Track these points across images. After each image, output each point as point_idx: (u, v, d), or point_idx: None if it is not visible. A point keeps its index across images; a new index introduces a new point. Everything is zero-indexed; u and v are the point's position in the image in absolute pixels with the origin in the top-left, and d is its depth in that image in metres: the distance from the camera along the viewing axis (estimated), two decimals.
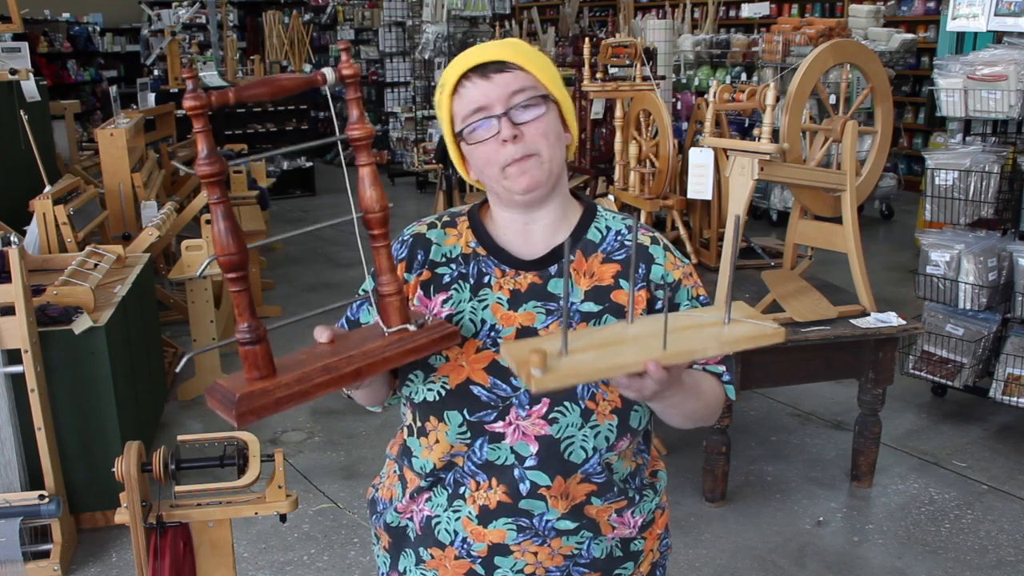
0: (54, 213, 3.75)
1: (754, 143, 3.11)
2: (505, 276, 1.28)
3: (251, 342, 1.05)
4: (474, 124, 1.23)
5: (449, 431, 1.26)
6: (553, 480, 1.25)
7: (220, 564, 2.21)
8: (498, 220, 1.32)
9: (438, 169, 7.04)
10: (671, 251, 1.33)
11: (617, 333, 1.08)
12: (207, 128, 1.00)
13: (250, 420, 1.02)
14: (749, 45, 7.79)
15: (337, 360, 1.08)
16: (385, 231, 1.14)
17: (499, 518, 1.27)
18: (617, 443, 1.27)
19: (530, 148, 1.22)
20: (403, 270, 1.30)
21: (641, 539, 1.37)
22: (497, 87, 1.22)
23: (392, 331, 1.14)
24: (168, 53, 8.67)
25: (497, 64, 1.23)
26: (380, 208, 1.13)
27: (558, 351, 1.01)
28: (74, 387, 3.01)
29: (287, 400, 1.04)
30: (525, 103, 1.22)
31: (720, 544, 3.09)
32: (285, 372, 1.06)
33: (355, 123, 1.11)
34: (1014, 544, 3.07)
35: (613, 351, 1.04)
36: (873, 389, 3.29)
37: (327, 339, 1.14)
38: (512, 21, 10.80)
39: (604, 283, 1.27)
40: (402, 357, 1.13)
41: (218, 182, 1.01)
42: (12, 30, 5.00)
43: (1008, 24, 3.74)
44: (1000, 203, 3.77)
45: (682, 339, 1.05)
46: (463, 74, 1.24)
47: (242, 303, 1.05)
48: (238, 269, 1.03)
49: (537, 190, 1.24)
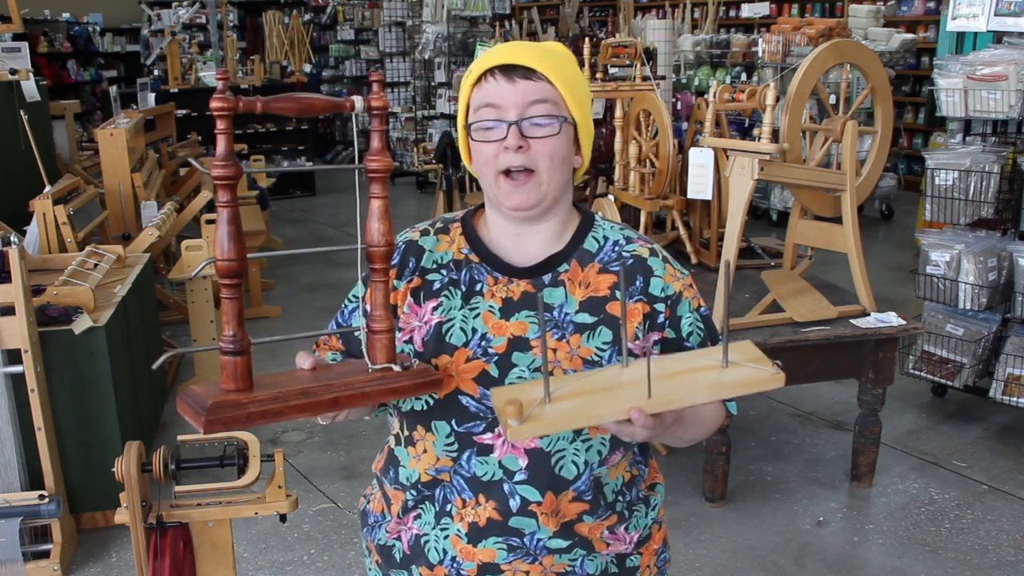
0: (54, 213, 3.75)
1: (754, 143, 3.11)
2: (498, 284, 1.25)
3: (233, 352, 1.04)
4: (484, 122, 1.21)
5: (437, 441, 1.24)
6: (544, 496, 1.22)
7: (220, 564, 2.21)
8: (492, 225, 1.29)
9: (438, 169, 7.04)
10: (670, 263, 1.30)
11: (609, 379, 1.07)
12: (229, 131, 1.00)
13: (218, 430, 1.01)
14: (749, 45, 7.78)
15: (316, 386, 1.07)
16: (386, 267, 1.13)
17: (489, 537, 1.24)
18: (609, 457, 1.25)
19: (531, 163, 1.19)
20: (394, 276, 1.27)
21: (637, 555, 1.34)
22: (517, 93, 1.19)
23: (376, 368, 1.13)
24: (168, 53, 8.67)
25: (526, 70, 1.20)
26: (385, 243, 1.11)
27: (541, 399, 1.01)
28: (74, 387, 3.01)
29: (259, 416, 1.03)
30: (540, 118, 1.19)
31: (720, 544, 3.09)
32: (262, 389, 1.05)
33: (375, 154, 1.10)
34: (1014, 544, 3.07)
35: (599, 399, 1.03)
36: (873, 389, 3.29)
37: (309, 366, 1.12)
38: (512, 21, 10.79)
39: (600, 294, 1.24)
40: (381, 395, 1.11)
41: (231, 186, 1.01)
42: (12, 30, 5.00)
43: (1008, 24, 3.74)
44: (1000, 203, 3.77)
45: (673, 386, 1.03)
46: (490, 68, 1.21)
47: (231, 311, 1.04)
48: (234, 276, 1.03)
49: (528, 210, 1.22)
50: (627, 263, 1.27)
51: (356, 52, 12.43)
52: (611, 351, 1.22)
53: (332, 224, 8.28)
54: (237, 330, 1.04)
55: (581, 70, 1.31)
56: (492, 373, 1.21)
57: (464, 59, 8.96)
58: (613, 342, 1.22)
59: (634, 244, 1.29)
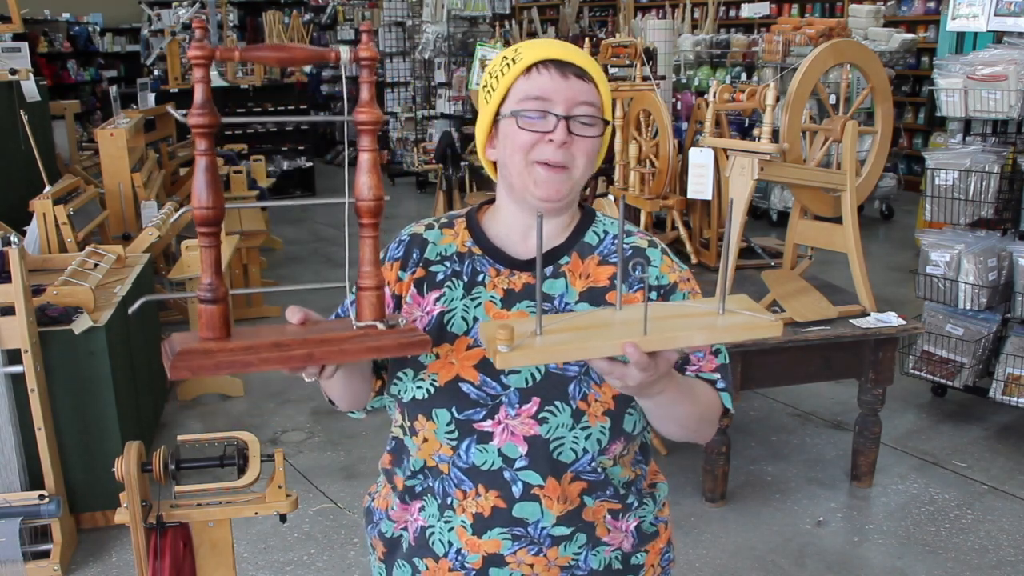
0: (54, 213, 3.75)
1: (754, 143, 3.11)
2: (500, 275, 1.27)
3: (210, 300, 1.03)
4: (532, 112, 1.21)
5: (437, 429, 1.24)
6: (545, 480, 1.23)
7: (220, 564, 2.21)
8: (501, 216, 1.31)
9: (438, 169, 7.04)
10: (668, 255, 1.31)
11: (602, 318, 1.05)
12: (207, 79, 0.99)
13: (185, 376, 1.01)
14: (749, 45, 7.79)
15: (291, 340, 1.05)
16: (375, 222, 1.10)
17: (493, 527, 1.25)
18: (610, 446, 1.25)
19: (569, 160, 1.21)
20: (398, 269, 1.29)
21: (643, 552, 1.35)
22: (571, 89, 1.21)
23: (360, 325, 1.10)
24: (168, 53, 8.67)
25: (578, 69, 1.22)
26: (373, 197, 1.08)
27: (532, 331, 0.98)
28: (74, 387, 3.01)
29: (227, 365, 1.02)
30: (588, 118, 1.22)
31: (720, 544, 3.09)
32: (240, 339, 1.04)
33: (364, 106, 1.07)
34: (1014, 544, 3.07)
35: (591, 334, 1.00)
36: (873, 389, 3.29)
37: (298, 320, 1.11)
38: (512, 21, 10.79)
39: (599, 284, 1.26)
40: (361, 352, 1.08)
41: (208, 134, 1.00)
42: (12, 30, 5.01)
43: (1008, 24, 3.74)
44: (1000, 203, 3.78)
45: (668, 326, 1.00)
46: (543, 60, 1.22)
47: (209, 259, 1.03)
48: (212, 224, 1.02)
49: (554, 202, 1.23)
50: (627, 253, 1.29)
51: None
52: None
53: (332, 224, 8.28)
54: (213, 279, 1.03)
55: None
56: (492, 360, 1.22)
57: (464, 59, 8.96)
58: None
59: (633, 236, 1.32)
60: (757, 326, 1.00)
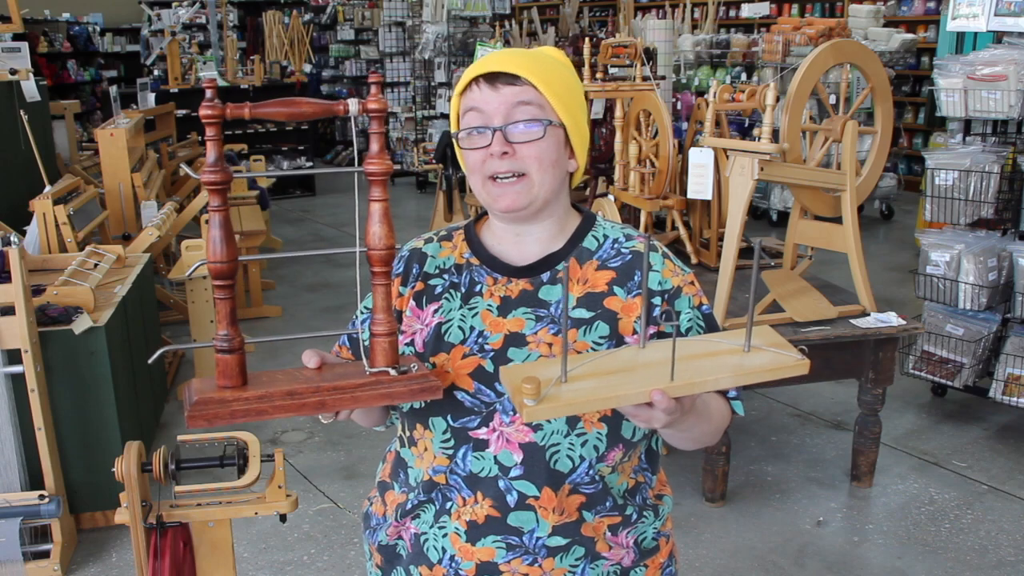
0: (54, 213, 3.75)
1: (754, 143, 3.11)
2: (497, 284, 1.27)
3: (226, 351, 1.07)
4: (470, 130, 1.23)
5: (434, 439, 1.25)
6: (541, 491, 1.22)
7: (220, 564, 2.21)
8: (493, 228, 1.31)
9: (438, 169, 7.04)
10: (670, 259, 1.30)
11: (626, 360, 1.02)
12: (219, 137, 1.03)
13: (201, 424, 1.04)
14: (749, 45, 7.79)
15: (305, 387, 1.08)
16: (387, 270, 1.13)
17: (488, 535, 1.24)
18: (608, 453, 1.23)
19: (519, 167, 1.21)
20: (399, 284, 1.30)
21: (643, 567, 1.32)
22: (501, 99, 1.20)
23: (373, 371, 1.13)
24: (168, 53, 8.68)
25: (509, 76, 1.21)
26: (384, 247, 1.11)
27: (557, 378, 0.96)
28: (74, 387, 3.01)
29: (242, 414, 1.06)
30: (523, 122, 1.20)
31: (720, 544, 3.09)
32: (257, 386, 1.07)
33: (374, 157, 1.09)
34: (1014, 544, 3.07)
35: (617, 379, 0.98)
36: (873, 389, 3.30)
37: (314, 364, 1.13)
38: (512, 21, 10.79)
39: (597, 289, 1.25)
40: (373, 400, 1.11)
41: (221, 190, 1.04)
42: (12, 30, 5.00)
43: (1008, 24, 3.74)
44: (1000, 203, 3.78)
45: (695, 369, 0.98)
46: (475, 78, 1.23)
47: (224, 311, 1.07)
48: (226, 277, 1.06)
49: (518, 212, 1.23)
50: (626, 258, 1.27)
51: (356, 52, 12.42)
52: (607, 345, 1.23)
53: (332, 224, 8.28)
54: (229, 329, 1.07)
55: (579, 72, 1.32)
56: (487, 368, 1.22)
57: (464, 59, 8.96)
58: (610, 336, 1.23)
59: (634, 240, 1.30)
60: (782, 366, 0.99)
